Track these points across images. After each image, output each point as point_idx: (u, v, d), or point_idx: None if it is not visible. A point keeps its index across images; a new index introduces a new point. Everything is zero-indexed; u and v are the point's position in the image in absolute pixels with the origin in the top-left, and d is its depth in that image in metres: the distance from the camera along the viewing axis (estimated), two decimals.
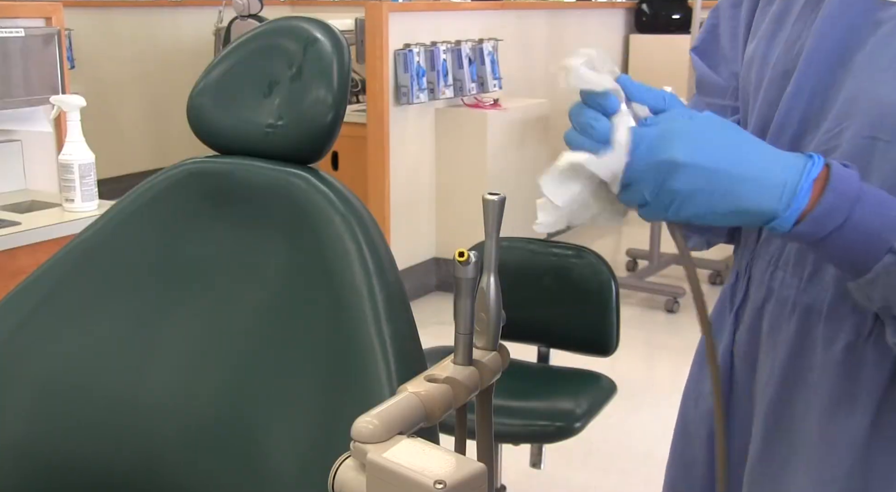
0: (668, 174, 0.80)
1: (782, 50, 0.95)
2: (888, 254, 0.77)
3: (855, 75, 0.87)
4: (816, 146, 0.89)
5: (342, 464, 0.84)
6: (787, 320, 0.95)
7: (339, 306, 1.14)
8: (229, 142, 1.28)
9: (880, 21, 0.86)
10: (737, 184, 0.79)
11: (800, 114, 0.91)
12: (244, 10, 5.10)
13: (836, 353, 0.90)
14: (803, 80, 0.91)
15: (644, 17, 6.06)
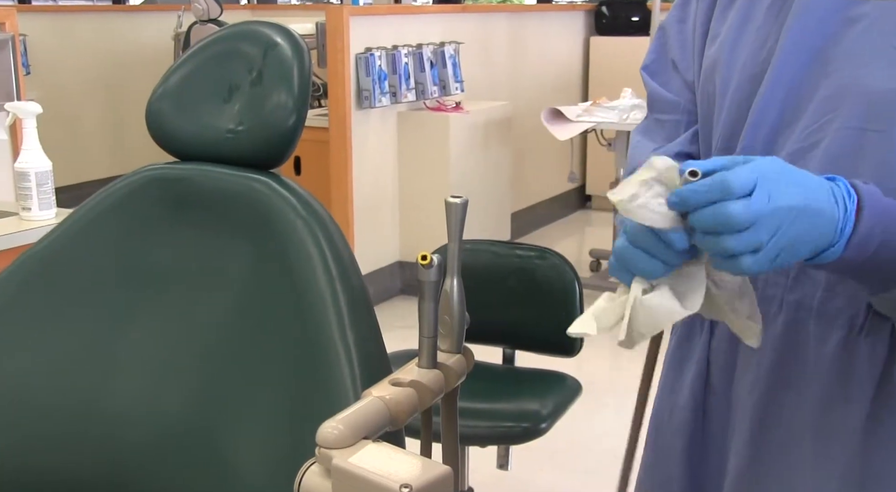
0: (788, 219, 0.75)
1: (749, 53, 0.95)
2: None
3: (834, 71, 0.88)
4: (796, 142, 0.90)
5: (308, 470, 0.83)
6: (774, 319, 0.94)
7: (302, 312, 1.14)
8: (189, 148, 1.27)
9: (853, 18, 0.87)
10: (818, 220, 0.76)
11: (775, 113, 0.92)
12: (203, 14, 5.07)
13: (830, 349, 0.90)
14: (778, 79, 0.91)
15: (604, 19, 6.10)
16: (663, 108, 1.09)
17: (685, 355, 1.06)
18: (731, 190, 0.73)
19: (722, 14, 1.01)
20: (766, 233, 0.74)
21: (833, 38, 0.88)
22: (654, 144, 1.08)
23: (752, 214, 0.73)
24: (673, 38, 1.09)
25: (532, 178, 5.54)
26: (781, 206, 0.74)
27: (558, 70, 5.84)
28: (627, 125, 4.20)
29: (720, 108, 0.98)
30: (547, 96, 5.45)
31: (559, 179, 5.65)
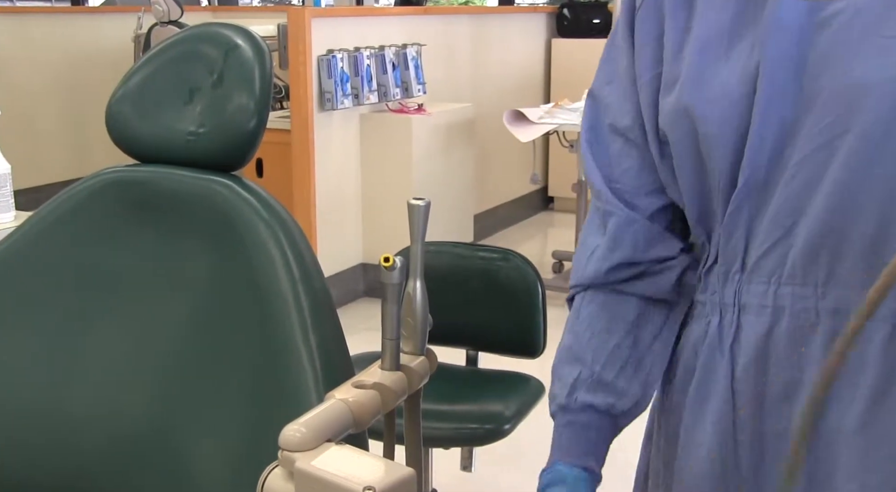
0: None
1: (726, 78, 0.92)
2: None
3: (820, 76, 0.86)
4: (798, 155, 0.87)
5: (270, 473, 0.83)
6: (811, 332, 0.90)
7: (264, 315, 1.14)
8: (150, 150, 1.26)
9: (824, 21, 0.86)
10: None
11: (773, 132, 0.89)
12: (164, 16, 5.03)
13: (875, 347, 0.87)
14: (768, 99, 0.88)
15: (565, 21, 6.13)
16: (598, 194, 1.05)
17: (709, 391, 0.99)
18: None
19: (676, 54, 0.97)
20: None
21: (810, 46, 0.87)
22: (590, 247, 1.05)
23: None
24: (608, 101, 1.05)
25: (495, 179, 5.56)
26: None
27: (520, 72, 5.86)
28: None
29: (709, 150, 0.93)
30: (509, 98, 5.46)
31: (522, 180, 5.67)
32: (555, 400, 1.04)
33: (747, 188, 0.91)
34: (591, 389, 1.01)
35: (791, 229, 0.89)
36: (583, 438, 1.02)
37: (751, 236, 0.93)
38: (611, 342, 1.02)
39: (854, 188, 0.85)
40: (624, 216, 1.02)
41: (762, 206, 0.91)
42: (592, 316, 1.03)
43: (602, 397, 1.00)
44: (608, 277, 1.02)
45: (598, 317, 1.02)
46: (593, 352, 1.02)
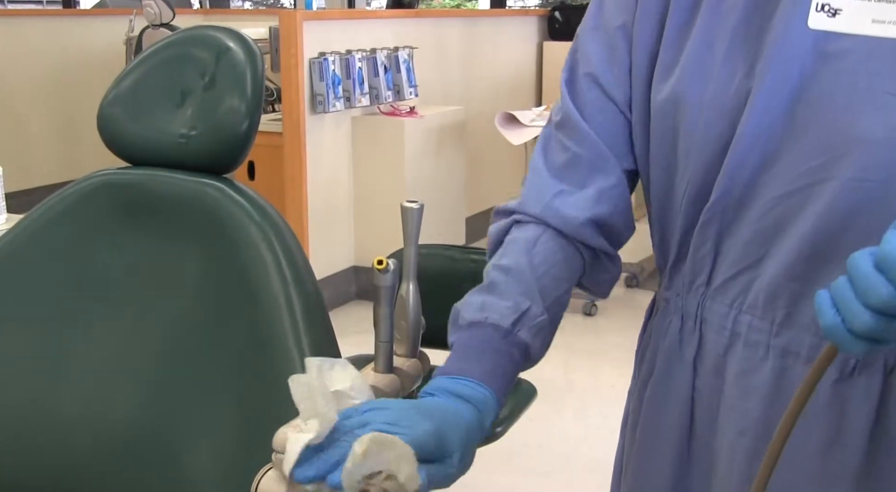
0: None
1: (718, 86, 0.89)
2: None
3: (816, 112, 0.84)
4: (779, 187, 0.86)
5: (264, 475, 0.83)
6: (760, 365, 0.90)
7: (256, 317, 1.14)
8: (142, 153, 1.26)
9: (832, 54, 0.83)
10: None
11: (758, 153, 0.87)
12: (156, 19, 5.03)
13: (822, 393, 0.87)
14: (759, 120, 0.86)
15: (557, 24, 6.13)
16: (572, 133, 1.00)
17: (667, 394, 1.00)
18: None
19: (676, 40, 0.94)
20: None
21: (812, 76, 0.84)
22: (556, 183, 0.99)
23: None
24: (590, 49, 1.00)
25: (486, 182, 5.56)
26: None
27: (512, 75, 5.86)
28: None
29: (687, 149, 0.92)
30: (501, 101, 5.47)
31: (513, 183, 5.66)
32: (488, 314, 0.94)
33: (721, 204, 0.90)
34: (533, 331, 0.93)
35: (760, 261, 0.89)
36: (499, 365, 0.92)
37: (719, 254, 0.92)
38: (559, 291, 0.96)
39: (825, 240, 0.84)
40: (615, 178, 0.98)
41: (733, 225, 0.90)
42: (550, 255, 0.96)
43: (538, 344, 0.94)
44: (580, 231, 0.97)
45: (555, 259, 0.96)
46: (543, 293, 0.95)
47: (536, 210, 0.98)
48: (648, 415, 1.03)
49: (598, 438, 0.93)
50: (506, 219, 1.01)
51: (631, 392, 1.09)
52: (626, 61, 0.98)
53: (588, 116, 0.99)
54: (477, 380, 0.89)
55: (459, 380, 0.89)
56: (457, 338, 0.95)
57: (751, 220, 0.88)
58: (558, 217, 0.97)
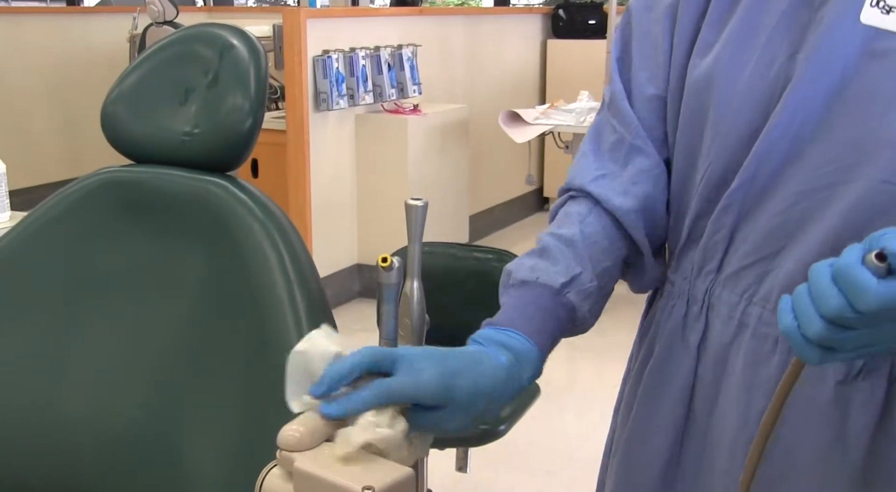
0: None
1: (754, 73, 0.89)
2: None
3: (853, 110, 0.83)
4: (808, 181, 0.85)
5: (269, 473, 0.83)
6: (767, 358, 0.90)
7: (259, 315, 1.14)
8: (145, 150, 1.26)
9: (878, 52, 0.81)
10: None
11: (786, 145, 0.86)
12: (159, 16, 5.03)
13: (826, 391, 0.87)
14: (794, 110, 0.85)
15: (560, 22, 6.13)
16: (616, 114, 1.01)
17: (666, 377, 1.00)
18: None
19: (718, 20, 0.93)
20: (855, 344, 0.70)
21: (855, 73, 0.82)
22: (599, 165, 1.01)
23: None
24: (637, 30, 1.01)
25: (490, 180, 5.56)
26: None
27: (515, 73, 5.86)
28: (585, 128, 4.23)
29: (714, 132, 0.91)
30: (504, 99, 5.46)
31: (517, 181, 5.67)
32: (539, 275, 0.96)
33: (742, 191, 0.89)
34: (582, 295, 0.95)
35: (777, 254, 0.88)
36: (546, 324, 0.93)
37: (733, 242, 0.91)
38: (608, 262, 0.98)
39: (847, 240, 0.80)
40: (654, 160, 0.99)
41: (752, 213, 0.89)
42: (600, 228, 0.98)
43: (586, 308, 0.96)
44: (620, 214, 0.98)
45: (605, 232, 0.98)
46: (593, 261, 0.97)
47: (583, 187, 1.00)
48: (645, 398, 1.02)
49: (601, 436, 0.93)
50: (563, 196, 1.04)
51: (627, 374, 1.09)
52: (669, 42, 0.98)
53: (633, 96, 1.00)
54: (522, 334, 0.90)
55: (505, 331, 0.90)
56: (507, 296, 0.98)
57: (772, 211, 0.87)
58: (602, 197, 0.98)
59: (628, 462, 1.05)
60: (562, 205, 1.03)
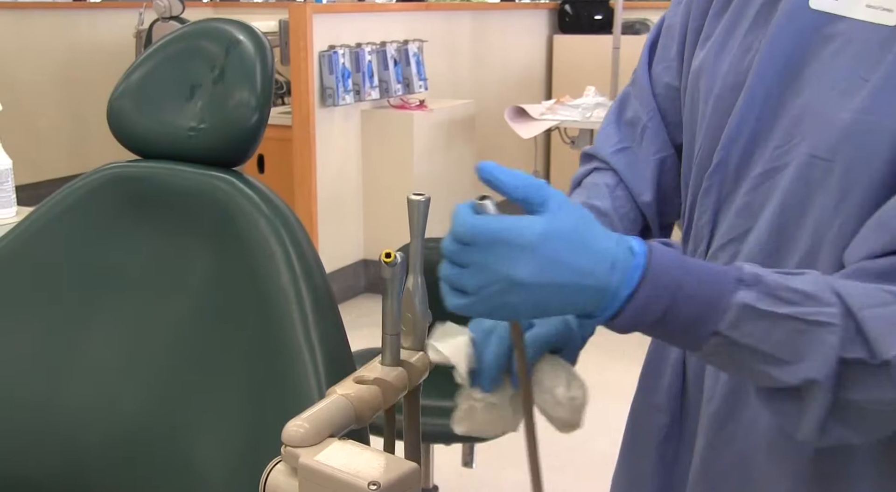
0: (505, 289, 0.75)
1: (732, 61, 0.93)
2: (713, 337, 0.75)
3: (803, 91, 0.86)
4: (767, 162, 0.88)
5: (273, 468, 0.83)
6: None
7: (265, 310, 1.14)
8: (151, 145, 1.26)
9: (828, 36, 0.85)
10: (577, 292, 0.75)
11: (750, 127, 0.90)
12: (165, 11, 5.03)
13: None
14: (754, 94, 0.89)
15: (567, 17, 6.12)
16: (639, 95, 1.10)
17: (662, 357, 1.06)
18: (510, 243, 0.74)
19: (717, 14, 0.99)
20: (472, 283, 0.75)
21: (807, 55, 0.86)
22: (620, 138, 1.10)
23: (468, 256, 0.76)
24: (666, 21, 1.10)
25: None
26: (504, 275, 0.74)
27: (522, 68, 5.85)
28: (591, 123, 4.22)
29: (703, 116, 0.97)
30: (510, 95, 5.46)
31: None
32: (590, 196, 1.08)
33: (719, 174, 0.93)
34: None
35: (746, 234, 0.91)
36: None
37: (716, 225, 0.95)
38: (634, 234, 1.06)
39: (790, 217, 0.86)
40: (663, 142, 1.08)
41: (730, 195, 0.93)
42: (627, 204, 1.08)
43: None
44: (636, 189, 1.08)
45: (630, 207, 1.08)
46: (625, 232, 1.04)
47: (606, 158, 1.11)
48: (645, 376, 1.09)
49: (608, 432, 0.93)
50: (587, 164, 1.14)
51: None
52: (683, 35, 1.06)
53: (655, 83, 1.09)
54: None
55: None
56: None
57: (742, 193, 0.91)
58: (622, 171, 1.08)
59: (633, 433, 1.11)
60: (587, 174, 1.12)
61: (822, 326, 0.72)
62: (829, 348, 0.72)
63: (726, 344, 0.75)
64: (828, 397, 0.73)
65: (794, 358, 0.73)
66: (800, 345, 0.73)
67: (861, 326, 0.72)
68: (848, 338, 0.72)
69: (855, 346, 0.72)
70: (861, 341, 0.72)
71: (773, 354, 0.74)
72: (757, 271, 0.76)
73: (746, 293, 0.74)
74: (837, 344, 0.72)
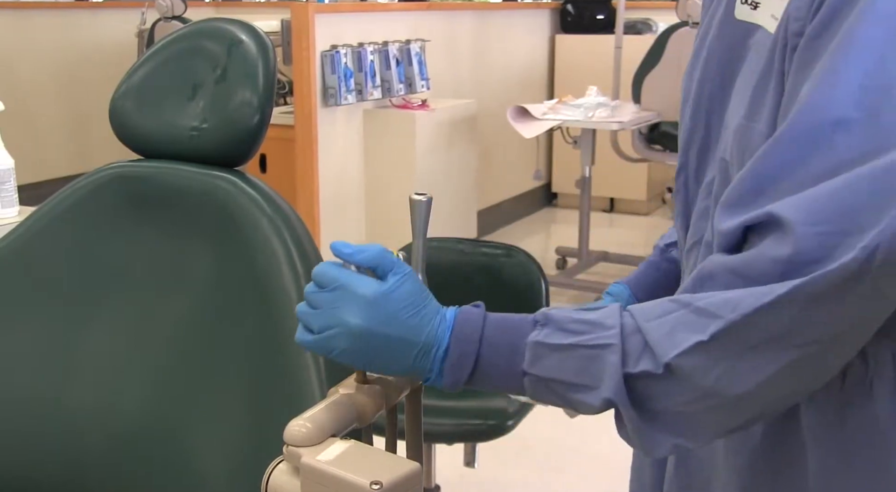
0: (342, 334, 0.83)
1: (687, 73, 0.99)
2: (525, 377, 0.82)
3: (735, 99, 0.89)
4: (712, 170, 0.93)
5: (275, 468, 0.83)
6: None
7: (268, 310, 1.14)
8: (153, 145, 1.26)
9: (749, 46, 0.88)
10: (394, 347, 0.83)
11: (700, 136, 0.95)
12: (168, 11, 5.03)
13: None
14: (698, 103, 0.94)
15: (569, 17, 6.11)
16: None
17: None
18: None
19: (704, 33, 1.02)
20: (317, 323, 0.84)
21: (735, 65, 0.90)
22: None
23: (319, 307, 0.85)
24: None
25: (498, 175, 5.55)
26: (338, 320, 0.83)
27: (524, 68, 5.85)
28: (593, 123, 4.22)
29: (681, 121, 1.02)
30: (512, 94, 5.46)
31: (525, 176, 5.66)
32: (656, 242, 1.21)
33: (682, 175, 0.99)
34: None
35: (700, 240, 0.95)
36: (646, 273, 1.19)
37: (687, 227, 0.99)
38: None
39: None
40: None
41: (694, 199, 0.97)
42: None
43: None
44: None
45: None
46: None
47: None
48: None
49: (609, 433, 0.93)
50: None
51: None
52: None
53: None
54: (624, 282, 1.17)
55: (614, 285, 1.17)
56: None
57: (700, 198, 0.96)
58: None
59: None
60: None
61: (604, 348, 0.78)
62: (613, 368, 0.77)
63: (538, 381, 0.81)
64: (630, 413, 0.78)
65: (594, 382, 0.79)
66: (593, 370, 0.79)
67: (646, 337, 0.77)
68: (632, 354, 0.78)
69: (641, 360, 0.77)
70: (648, 354, 0.77)
71: (576, 382, 0.80)
72: (550, 312, 0.83)
73: (538, 332, 0.82)
74: (618, 362, 0.77)
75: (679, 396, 0.77)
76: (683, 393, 0.77)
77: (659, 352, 0.76)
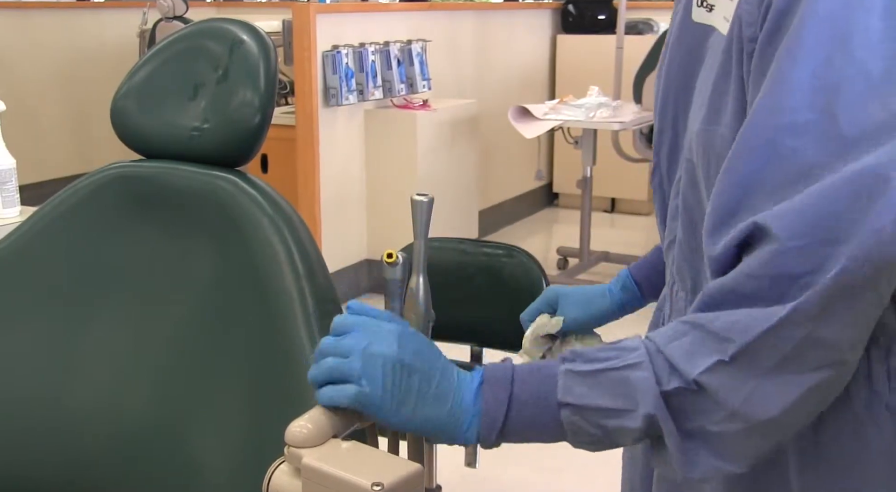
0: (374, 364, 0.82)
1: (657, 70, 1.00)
2: (561, 410, 0.81)
3: (694, 102, 0.90)
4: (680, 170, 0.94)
5: (276, 469, 0.83)
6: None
7: (269, 310, 1.14)
8: (154, 145, 1.26)
9: (707, 48, 0.89)
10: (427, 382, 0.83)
11: (668, 137, 0.97)
12: (169, 11, 5.03)
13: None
14: (664, 105, 0.96)
15: (570, 17, 6.11)
16: None
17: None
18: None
19: None
20: (356, 369, 0.82)
21: (695, 68, 0.91)
22: None
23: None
24: None
25: (499, 176, 5.55)
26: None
27: (525, 68, 5.85)
28: (594, 123, 4.22)
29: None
30: (514, 94, 5.46)
31: (526, 176, 5.66)
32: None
33: (656, 176, 1.01)
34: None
35: (675, 239, 0.97)
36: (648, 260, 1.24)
37: (665, 227, 1.00)
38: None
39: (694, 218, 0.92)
40: None
41: (667, 198, 0.98)
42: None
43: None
44: None
45: None
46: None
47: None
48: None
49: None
50: None
51: None
52: None
53: None
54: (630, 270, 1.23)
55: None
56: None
57: (672, 197, 0.97)
58: None
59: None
60: None
61: (633, 368, 0.79)
62: (647, 383, 0.78)
63: (574, 412, 0.80)
64: (670, 426, 0.78)
65: (630, 405, 0.79)
66: (627, 391, 0.79)
67: (669, 360, 0.78)
68: (662, 373, 0.78)
69: (672, 379, 0.78)
70: (675, 373, 0.78)
71: (612, 407, 0.79)
72: (574, 348, 0.84)
73: (568, 364, 0.82)
74: (653, 378, 0.78)
75: (714, 413, 0.77)
76: (717, 411, 0.77)
77: (684, 370, 0.77)
